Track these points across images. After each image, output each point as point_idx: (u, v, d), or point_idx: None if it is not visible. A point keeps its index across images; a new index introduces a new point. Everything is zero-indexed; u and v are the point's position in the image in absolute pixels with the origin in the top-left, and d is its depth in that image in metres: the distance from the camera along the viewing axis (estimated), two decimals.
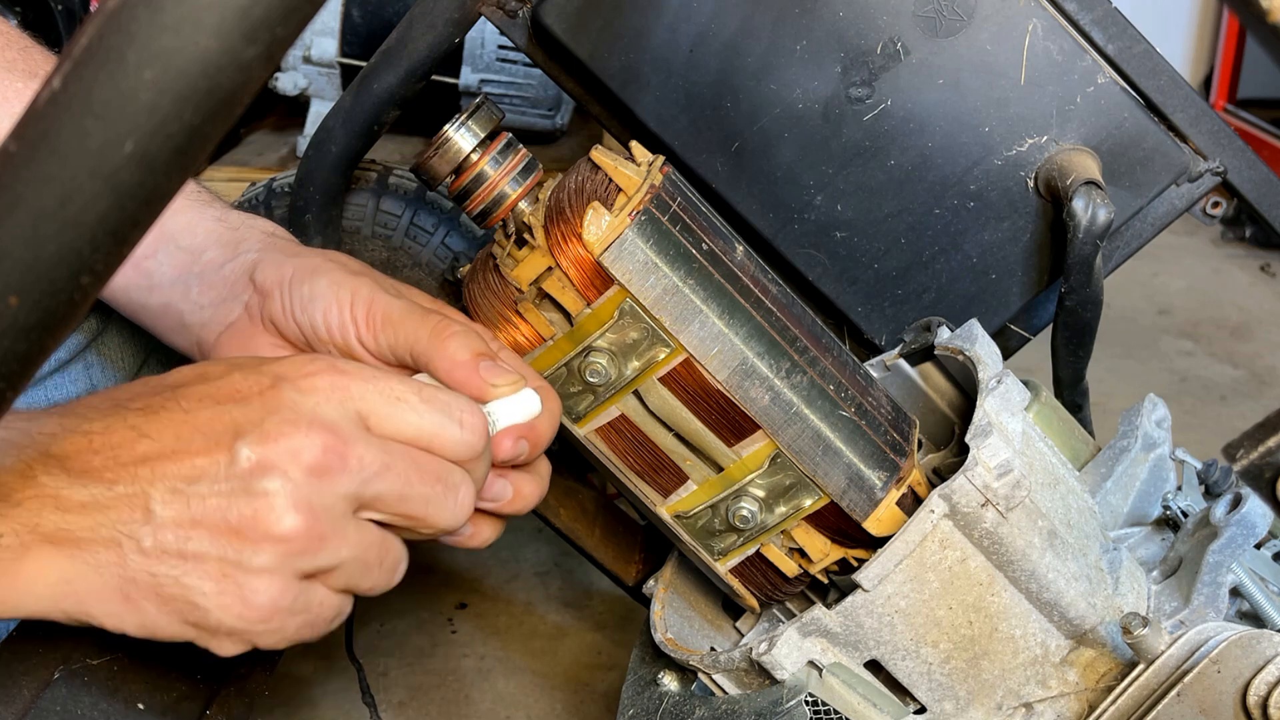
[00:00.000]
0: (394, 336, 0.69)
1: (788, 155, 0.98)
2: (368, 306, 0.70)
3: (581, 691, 1.56)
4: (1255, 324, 2.81)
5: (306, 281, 0.71)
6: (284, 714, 1.49)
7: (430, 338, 0.68)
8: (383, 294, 0.71)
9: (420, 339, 0.68)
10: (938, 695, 0.76)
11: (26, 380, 0.43)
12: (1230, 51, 3.73)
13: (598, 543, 1.05)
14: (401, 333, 0.69)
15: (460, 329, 0.69)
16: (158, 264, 0.77)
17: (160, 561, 0.59)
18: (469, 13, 0.99)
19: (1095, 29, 0.95)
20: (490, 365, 0.68)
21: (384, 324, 0.69)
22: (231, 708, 0.76)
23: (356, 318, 0.70)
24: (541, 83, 1.81)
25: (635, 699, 0.83)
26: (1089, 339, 0.95)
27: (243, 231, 0.77)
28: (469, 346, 0.68)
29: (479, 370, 0.67)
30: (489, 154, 0.73)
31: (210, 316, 0.76)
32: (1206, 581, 0.78)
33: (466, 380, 0.67)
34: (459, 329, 0.69)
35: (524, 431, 0.68)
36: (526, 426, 0.69)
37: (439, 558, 1.79)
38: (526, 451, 0.69)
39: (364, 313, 0.70)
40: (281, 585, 0.60)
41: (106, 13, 0.37)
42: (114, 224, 0.39)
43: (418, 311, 0.70)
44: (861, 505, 0.75)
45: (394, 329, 0.69)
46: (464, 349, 0.68)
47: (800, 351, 0.74)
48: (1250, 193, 0.99)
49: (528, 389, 0.69)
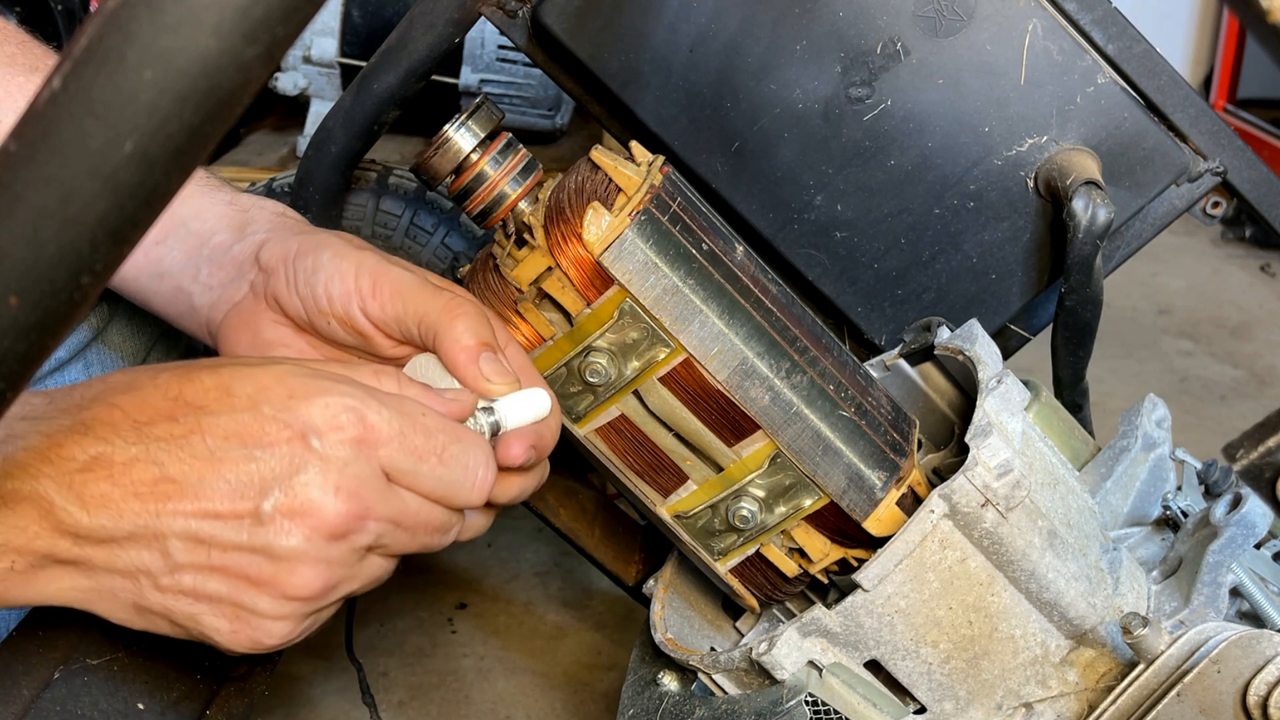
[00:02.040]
0: (403, 307, 0.69)
1: (788, 155, 0.98)
2: (374, 276, 0.69)
3: (581, 691, 1.56)
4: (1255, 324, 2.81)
5: (310, 255, 0.71)
6: (284, 714, 1.49)
7: (441, 312, 0.68)
8: (392, 266, 0.70)
9: (430, 313, 0.68)
10: (938, 695, 0.76)
11: (27, 380, 0.43)
12: (1230, 51, 3.73)
13: (598, 543, 1.05)
14: (412, 304, 0.69)
15: (472, 310, 0.69)
16: (168, 250, 0.77)
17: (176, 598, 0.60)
18: (469, 13, 0.99)
19: (1095, 29, 0.95)
20: (491, 360, 0.68)
21: (393, 295, 0.69)
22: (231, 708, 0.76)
23: (362, 287, 0.69)
24: (541, 83, 1.81)
25: (635, 699, 0.83)
26: (1089, 339, 0.95)
27: (252, 213, 0.78)
28: (476, 332, 0.68)
29: (479, 362, 0.67)
30: (489, 154, 0.73)
31: (219, 297, 0.76)
32: (1206, 581, 0.78)
33: (466, 367, 0.67)
34: (470, 309, 0.68)
35: (533, 440, 0.68)
36: (536, 435, 0.69)
37: (439, 558, 1.79)
38: (534, 459, 0.69)
39: (370, 282, 0.69)
40: (292, 626, 0.62)
41: (106, 13, 0.37)
42: (114, 224, 0.39)
43: (429, 286, 0.70)
44: (861, 505, 0.75)
45: (404, 300, 0.69)
46: (470, 333, 0.67)
47: (800, 351, 0.74)
48: (1250, 193, 0.99)
49: (539, 388, 0.69)
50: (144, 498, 0.58)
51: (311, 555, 0.59)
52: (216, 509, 0.58)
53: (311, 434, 0.59)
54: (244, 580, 0.59)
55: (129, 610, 0.61)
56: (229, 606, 0.60)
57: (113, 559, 0.59)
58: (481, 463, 0.65)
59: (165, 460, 0.58)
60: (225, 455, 0.59)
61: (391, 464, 0.62)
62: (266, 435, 0.59)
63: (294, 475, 0.59)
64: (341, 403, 0.61)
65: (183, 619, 0.60)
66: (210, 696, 0.75)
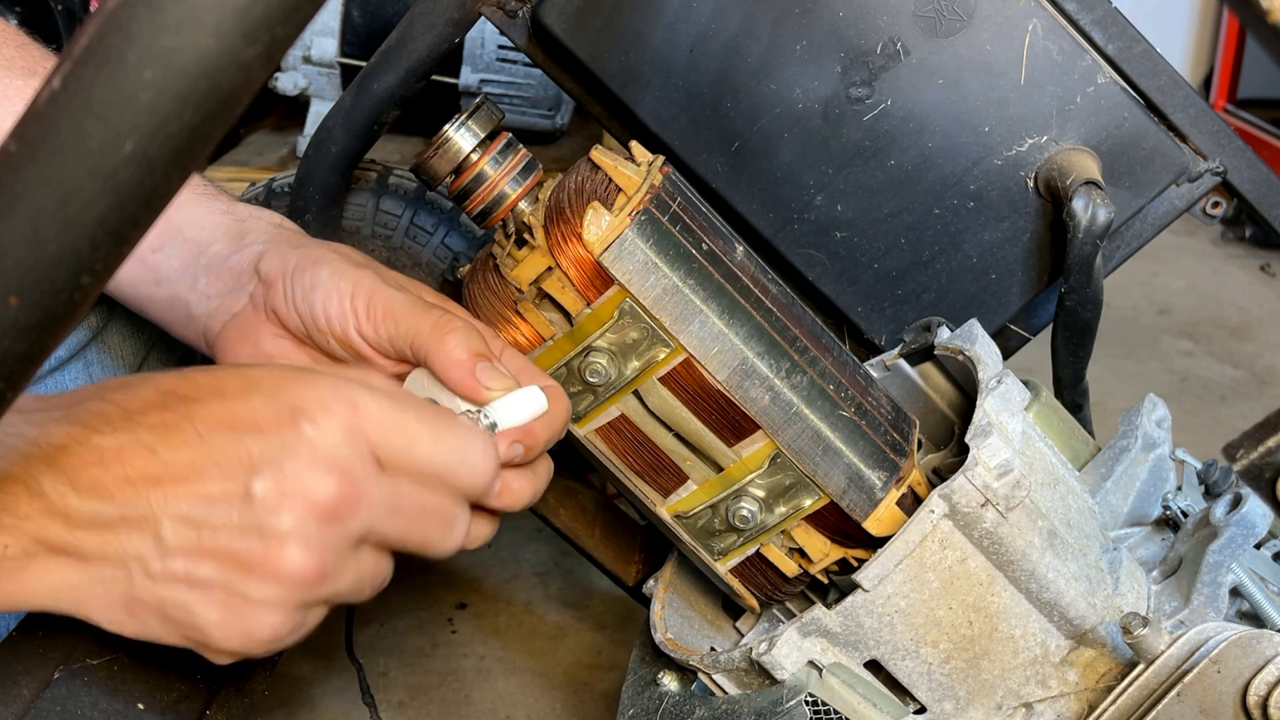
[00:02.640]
0: (395, 329, 0.69)
1: (788, 155, 0.98)
2: (368, 298, 0.70)
3: (581, 691, 1.56)
4: (1255, 324, 2.81)
5: (309, 271, 0.71)
6: (284, 714, 1.49)
7: (430, 332, 0.68)
8: (385, 286, 0.70)
9: (420, 333, 0.68)
10: (938, 695, 0.76)
11: (27, 380, 0.43)
12: (1230, 51, 3.73)
13: (598, 543, 1.05)
14: (403, 326, 0.69)
15: (461, 326, 0.69)
16: (165, 257, 0.77)
17: (167, 586, 0.59)
18: (469, 13, 0.99)
19: (1095, 29, 0.95)
20: (487, 368, 0.68)
21: (385, 316, 0.69)
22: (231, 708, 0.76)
23: (357, 308, 0.70)
24: (541, 83, 1.81)
25: (635, 699, 0.83)
26: (1089, 339, 0.95)
27: (249, 223, 0.78)
28: (467, 345, 0.68)
29: (475, 372, 0.67)
30: (489, 154, 0.73)
31: (217, 307, 0.76)
32: (1206, 581, 0.78)
33: (461, 380, 0.67)
34: (460, 326, 0.69)
35: (520, 436, 0.68)
36: (523, 431, 0.68)
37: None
38: (521, 455, 0.69)
39: (364, 304, 0.70)
40: (284, 617, 0.61)
41: (106, 13, 0.37)
42: (114, 224, 0.39)
43: (420, 305, 0.70)
44: (861, 505, 0.75)
45: (395, 321, 0.69)
46: (462, 347, 0.68)
47: (800, 351, 0.74)
48: (1250, 193, 0.99)
49: (533, 386, 0.69)
50: (135, 483, 0.58)
51: (302, 536, 0.58)
52: (208, 491, 0.58)
53: (302, 417, 0.59)
54: (236, 564, 0.58)
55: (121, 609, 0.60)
56: (220, 593, 0.59)
57: (104, 546, 0.58)
58: (478, 445, 0.64)
59: (156, 445, 0.59)
60: (215, 439, 0.59)
61: (384, 445, 0.61)
62: (257, 420, 0.59)
63: (285, 456, 0.59)
64: (332, 388, 0.61)
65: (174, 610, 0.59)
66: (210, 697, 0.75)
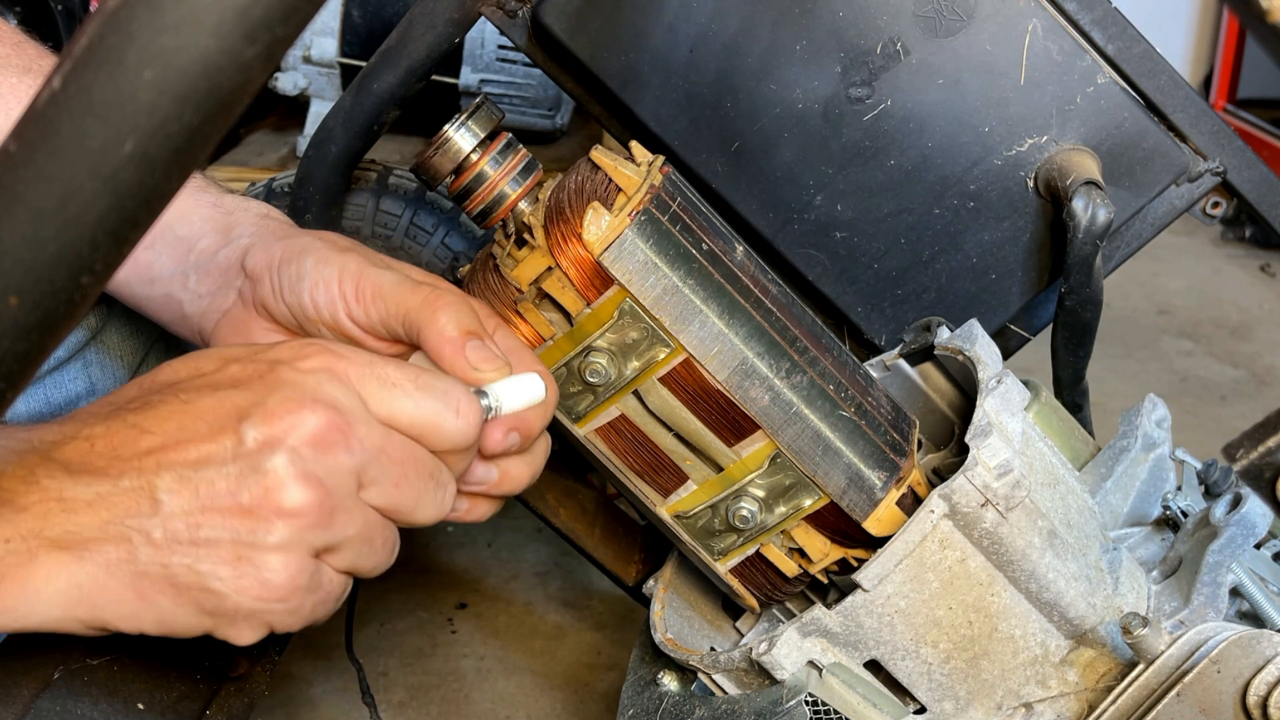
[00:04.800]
0: (385, 309, 0.68)
1: (788, 155, 0.98)
2: (356, 281, 0.69)
3: (581, 691, 1.56)
4: (1255, 324, 2.81)
5: (294, 262, 0.71)
6: (284, 714, 1.49)
7: (421, 308, 0.67)
8: (371, 268, 0.70)
9: (411, 310, 0.67)
10: (938, 695, 0.76)
11: (27, 380, 0.43)
12: (1230, 51, 3.73)
13: (598, 543, 1.05)
14: (392, 304, 0.68)
15: (452, 300, 0.68)
16: (156, 255, 0.77)
17: (173, 552, 0.58)
18: (469, 13, 0.99)
19: (1095, 29, 0.95)
20: (478, 347, 0.67)
21: (374, 297, 0.69)
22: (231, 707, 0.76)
23: (345, 293, 0.69)
24: (541, 83, 1.81)
25: (635, 699, 0.83)
26: (1089, 339, 0.95)
27: (236, 215, 0.77)
28: (458, 322, 0.67)
29: (465, 351, 0.66)
30: (489, 154, 0.73)
31: (209, 305, 0.76)
32: (1206, 581, 0.78)
33: (452, 358, 0.66)
34: (451, 300, 0.68)
35: (515, 424, 0.67)
36: (518, 418, 0.67)
37: (439, 558, 1.79)
38: (517, 443, 0.68)
39: (353, 287, 0.69)
40: (297, 562, 0.59)
41: (106, 13, 0.37)
42: (114, 224, 0.39)
43: (408, 283, 0.69)
44: (861, 505, 0.75)
45: (384, 301, 0.68)
46: (453, 324, 0.66)
47: (800, 351, 0.74)
48: (1250, 193, 0.99)
49: (534, 372, 0.68)
50: (125, 456, 0.58)
51: (300, 470, 0.58)
52: (199, 449, 0.58)
53: (281, 364, 0.60)
54: (238, 513, 0.58)
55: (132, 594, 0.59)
56: (227, 548, 0.58)
57: (105, 526, 0.58)
58: (461, 396, 0.63)
59: (140, 421, 0.59)
60: (200, 401, 0.59)
61: (364, 390, 0.61)
62: (238, 378, 0.60)
63: (268, 397, 0.59)
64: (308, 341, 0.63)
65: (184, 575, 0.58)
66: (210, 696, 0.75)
